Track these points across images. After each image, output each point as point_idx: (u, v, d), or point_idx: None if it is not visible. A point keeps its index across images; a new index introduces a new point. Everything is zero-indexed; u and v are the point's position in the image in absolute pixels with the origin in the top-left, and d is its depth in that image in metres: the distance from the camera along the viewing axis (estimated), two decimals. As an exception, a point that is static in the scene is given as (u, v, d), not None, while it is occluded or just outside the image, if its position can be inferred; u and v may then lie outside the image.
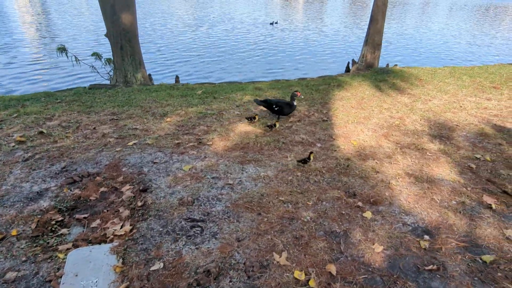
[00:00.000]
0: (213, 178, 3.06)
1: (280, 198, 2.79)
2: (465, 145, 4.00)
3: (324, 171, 3.27)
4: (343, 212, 2.66)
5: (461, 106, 5.45)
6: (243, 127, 4.27)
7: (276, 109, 4.49)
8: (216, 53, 12.96)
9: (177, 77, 8.30)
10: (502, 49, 15.93)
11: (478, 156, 3.72)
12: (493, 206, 2.83)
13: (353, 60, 10.24)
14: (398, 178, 3.21)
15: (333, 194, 2.89)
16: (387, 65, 10.27)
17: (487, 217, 2.72)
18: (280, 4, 36.61)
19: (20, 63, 10.66)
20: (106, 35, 6.91)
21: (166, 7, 27.60)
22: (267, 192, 2.86)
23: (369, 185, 3.08)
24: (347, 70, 10.60)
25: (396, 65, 10.15)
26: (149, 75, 7.96)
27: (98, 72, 7.54)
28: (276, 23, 21.68)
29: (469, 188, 3.10)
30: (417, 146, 3.92)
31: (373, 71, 8.52)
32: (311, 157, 3.38)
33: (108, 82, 7.40)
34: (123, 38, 6.78)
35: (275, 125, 4.22)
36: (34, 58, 11.29)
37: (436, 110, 5.23)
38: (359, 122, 4.64)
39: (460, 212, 2.75)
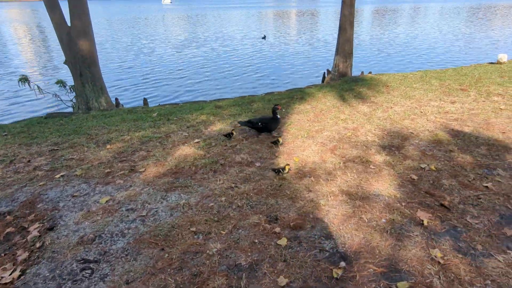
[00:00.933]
0: (127, 210, 2.87)
1: (192, 228, 2.59)
2: (413, 155, 3.80)
3: (252, 194, 3.07)
4: (256, 241, 2.45)
5: (421, 112, 5.27)
6: (184, 150, 4.10)
7: (261, 126, 4.40)
8: (191, 73, 12.94)
9: (145, 100, 8.21)
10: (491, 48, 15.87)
11: (424, 165, 3.52)
12: (426, 222, 2.62)
13: (327, 70, 10.16)
14: (330, 197, 3.00)
15: (253, 220, 2.68)
16: (362, 72, 10.18)
17: (416, 235, 2.50)
18: (272, 18, 37.13)
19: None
20: (65, 63, 6.86)
21: (139, 30, 27.98)
22: (180, 223, 2.66)
23: (296, 206, 2.87)
24: (323, 80, 10.51)
25: (370, 72, 10.06)
26: (116, 99, 7.88)
27: (62, 100, 7.47)
28: (264, 38, 21.93)
29: (404, 203, 2.88)
30: (362, 159, 3.73)
31: (343, 80, 8.40)
32: (286, 168, 3.34)
33: (72, 109, 7.32)
34: (82, 65, 6.72)
35: (278, 141, 4.15)
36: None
37: (394, 118, 5.05)
38: (310, 136, 4.47)
39: (387, 232, 2.54)
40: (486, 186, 3.11)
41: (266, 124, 4.41)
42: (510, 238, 2.45)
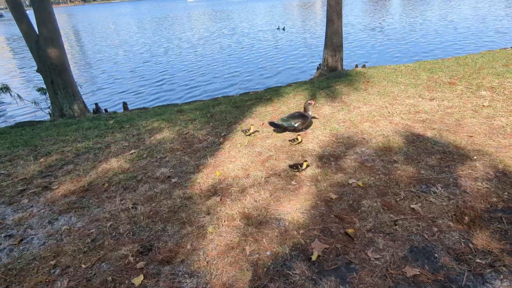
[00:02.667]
0: (5, 236, 2.71)
1: (52, 261, 2.38)
2: (349, 167, 3.35)
3: (144, 218, 2.81)
4: (110, 279, 2.19)
5: (389, 112, 4.73)
6: (112, 163, 3.91)
7: (296, 126, 4.24)
8: (172, 75, 12.76)
9: (124, 104, 8.15)
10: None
11: (352, 181, 3.07)
12: (315, 257, 2.23)
13: (319, 65, 9.59)
14: (224, 222, 2.67)
15: (123, 252, 2.42)
16: (356, 66, 9.52)
17: (295, 274, 2.12)
18: (293, 8, 36.31)
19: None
20: (37, 71, 6.91)
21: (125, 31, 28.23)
22: (45, 254, 2.46)
23: (181, 234, 2.58)
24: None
25: (364, 65, 9.39)
26: (96, 104, 7.88)
27: (41, 108, 7.57)
28: (284, 29, 21.48)
29: (303, 231, 2.50)
30: (289, 173, 3.34)
31: (327, 76, 7.87)
32: (304, 165, 3.29)
33: (49, 117, 7.40)
34: (53, 72, 6.73)
35: (297, 138, 3.95)
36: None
37: (355, 120, 4.56)
38: (250, 144, 4.12)
39: (265, 268, 2.18)
40: (413, 208, 2.64)
41: (299, 124, 4.23)
42: (408, 280, 2.01)
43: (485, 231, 2.34)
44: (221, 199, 2.98)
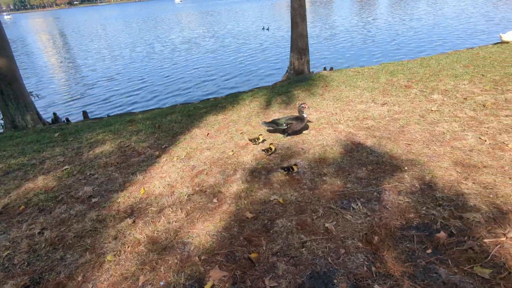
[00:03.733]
0: None
1: None
2: (277, 181, 3.22)
3: (45, 245, 2.63)
4: (-18, 319, 2.01)
5: (337, 120, 4.61)
6: (38, 182, 3.72)
7: (285, 128, 4.11)
8: (139, 81, 12.56)
9: (84, 113, 7.93)
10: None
11: (274, 197, 2.93)
12: (209, 286, 2.08)
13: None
14: (128, 248, 2.51)
15: (8, 286, 2.24)
16: (324, 68, 9.45)
17: (181, 308, 1.97)
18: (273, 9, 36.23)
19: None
20: (-13, 82, 6.65)
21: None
22: None
23: (78, 263, 2.41)
24: (285, 79, 9.83)
25: (331, 68, 9.32)
26: (54, 114, 7.65)
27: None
28: (268, 29, 21.52)
29: (206, 256, 2.35)
30: (214, 189, 3.19)
31: (291, 80, 7.77)
32: (295, 168, 3.23)
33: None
34: (2, 83, 6.49)
35: (270, 148, 3.76)
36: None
37: (300, 129, 4.43)
38: (188, 157, 3.96)
39: (151, 303, 2.02)
40: (326, 228, 2.51)
41: (289, 125, 4.09)
42: (297, 313, 1.87)
43: (393, 251, 2.22)
44: (134, 221, 2.81)
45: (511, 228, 2.28)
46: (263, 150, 3.78)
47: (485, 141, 3.51)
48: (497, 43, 8.80)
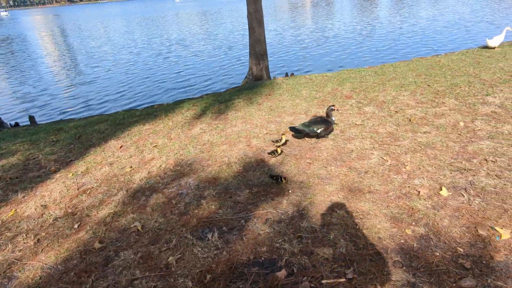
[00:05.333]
0: None
1: None
2: (154, 204, 3.00)
3: None
4: None
5: (256, 134, 4.40)
6: None
7: (318, 131, 3.90)
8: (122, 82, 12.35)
9: (30, 118, 7.72)
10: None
11: (134, 224, 2.71)
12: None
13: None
14: (-52, 282, 2.28)
15: None
16: (286, 74, 9.22)
17: None
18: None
19: None
20: None
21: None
22: None
23: None
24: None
25: (292, 73, 9.10)
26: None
27: None
28: None
29: (21, 296, 2.12)
30: (83, 213, 2.97)
31: (244, 86, 7.55)
32: (283, 181, 3.04)
33: None
34: None
35: (277, 151, 3.63)
36: None
37: (216, 143, 4.24)
38: (85, 173, 3.75)
39: None
40: (168, 263, 2.28)
41: (321, 129, 3.91)
42: None
43: (219, 294, 1.99)
44: (-23, 250, 2.59)
45: (354, 268, 2.05)
46: (269, 153, 3.65)
47: (387, 161, 3.29)
48: (484, 47, 8.46)
